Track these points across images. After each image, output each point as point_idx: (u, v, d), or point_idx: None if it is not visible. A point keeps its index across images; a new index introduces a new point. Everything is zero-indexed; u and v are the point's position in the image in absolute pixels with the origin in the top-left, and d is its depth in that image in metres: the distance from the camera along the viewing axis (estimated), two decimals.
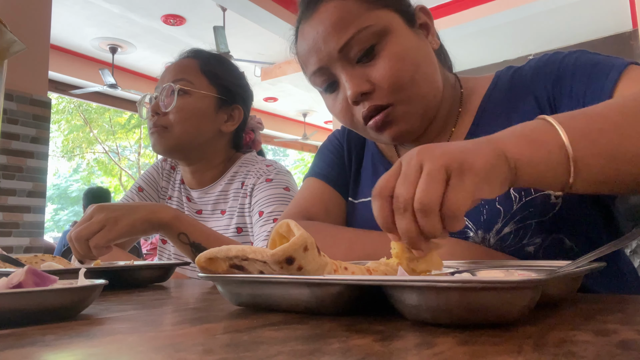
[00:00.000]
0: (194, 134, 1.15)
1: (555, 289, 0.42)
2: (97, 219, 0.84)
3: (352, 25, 0.68)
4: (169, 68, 1.19)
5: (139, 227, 0.88)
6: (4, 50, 0.49)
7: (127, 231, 0.86)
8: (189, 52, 1.22)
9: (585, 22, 4.75)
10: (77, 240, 0.82)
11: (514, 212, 0.66)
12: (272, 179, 1.14)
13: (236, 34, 5.14)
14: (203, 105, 1.15)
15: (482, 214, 0.68)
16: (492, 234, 0.67)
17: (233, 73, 1.25)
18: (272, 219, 1.06)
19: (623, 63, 0.62)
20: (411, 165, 0.43)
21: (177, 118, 1.12)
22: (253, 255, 0.42)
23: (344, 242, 0.72)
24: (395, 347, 0.29)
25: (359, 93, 0.68)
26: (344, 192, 0.88)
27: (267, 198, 1.10)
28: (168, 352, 0.29)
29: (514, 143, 0.46)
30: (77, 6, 4.67)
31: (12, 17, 2.98)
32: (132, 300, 0.58)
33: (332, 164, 0.90)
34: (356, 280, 0.38)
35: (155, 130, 1.13)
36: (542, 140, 0.47)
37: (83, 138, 11.59)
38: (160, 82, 1.17)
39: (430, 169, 0.42)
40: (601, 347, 0.27)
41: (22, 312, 0.40)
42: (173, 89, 1.12)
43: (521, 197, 0.66)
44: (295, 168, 13.14)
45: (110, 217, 0.85)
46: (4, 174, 3.03)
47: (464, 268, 0.50)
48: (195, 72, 1.17)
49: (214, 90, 1.17)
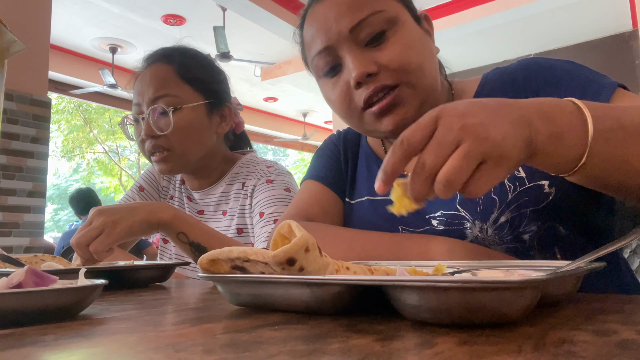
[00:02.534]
0: (199, 149, 1.13)
1: (555, 289, 0.42)
2: (95, 224, 0.85)
3: (367, 8, 0.70)
4: (143, 80, 1.11)
5: (137, 229, 0.88)
6: (4, 50, 0.49)
7: (126, 234, 0.86)
8: (159, 57, 1.14)
9: (585, 22, 4.75)
10: (78, 247, 0.83)
11: (509, 201, 0.68)
12: (273, 180, 1.13)
13: (236, 34, 5.14)
14: (197, 116, 1.11)
15: (479, 205, 0.70)
16: (489, 223, 0.69)
17: (212, 71, 1.19)
18: (273, 220, 1.05)
19: (612, 84, 0.65)
20: (449, 137, 0.42)
21: (177, 138, 1.08)
22: (254, 256, 0.42)
23: (344, 242, 0.72)
24: (395, 347, 0.29)
25: (365, 73, 0.68)
26: (341, 193, 0.89)
27: (268, 199, 1.10)
28: (168, 352, 0.29)
29: (545, 133, 0.46)
30: (77, 6, 4.67)
31: (12, 17, 2.98)
32: (132, 300, 0.58)
33: (329, 166, 0.92)
34: (356, 280, 0.38)
35: (160, 158, 1.09)
36: (570, 133, 0.47)
37: (83, 138, 11.60)
38: (138, 97, 1.10)
39: (469, 152, 0.41)
40: (601, 347, 0.27)
41: (22, 312, 0.40)
42: (164, 109, 1.06)
43: (515, 187, 0.68)
44: (295, 168, 13.14)
45: (108, 221, 0.85)
46: (4, 174, 3.02)
47: (464, 268, 0.50)
48: (176, 82, 1.10)
49: (201, 97, 1.12)
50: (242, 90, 6.92)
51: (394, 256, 0.66)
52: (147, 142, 1.09)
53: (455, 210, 0.71)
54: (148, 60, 1.15)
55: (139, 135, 1.10)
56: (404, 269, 0.44)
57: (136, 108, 1.11)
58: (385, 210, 0.78)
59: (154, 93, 1.08)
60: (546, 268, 0.49)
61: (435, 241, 0.65)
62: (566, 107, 0.48)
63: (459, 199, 0.71)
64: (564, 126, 0.47)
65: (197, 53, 1.20)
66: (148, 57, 1.16)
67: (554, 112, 0.47)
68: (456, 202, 0.71)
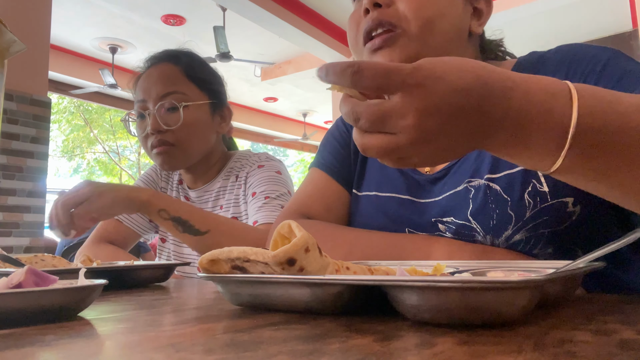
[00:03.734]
0: (201, 145, 1.17)
1: (555, 289, 0.42)
2: (83, 192, 0.91)
3: None
4: (150, 78, 1.15)
5: (120, 204, 0.94)
6: (4, 50, 0.49)
7: (108, 205, 0.92)
8: (165, 57, 1.18)
9: (585, 22, 4.75)
10: (62, 207, 0.88)
11: (526, 219, 0.62)
12: (264, 164, 1.19)
13: (236, 34, 5.14)
14: (202, 114, 1.16)
15: (492, 219, 0.64)
16: (502, 240, 0.64)
17: (214, 73, 1.25)
18: (264, 197, 1.10)
19: None
20: (392, 121, 0.39)
21: (183, 134, 1.12)
22: (255, 256, 0.42)
23: (345, 245, 0.71)
24: (395, 347, 0.29)
25: (374, 1, 0.67)
26: (348, 184, 0.85)
27: (259, 180, 1.15)
28: (168, 352, 0.29)
29: (503, 142, 0.41)
30: (77, 6, 4.67)
31: (12, 17, 2.98)
32: (132, 300, 0.58)
33: (337, 154, 0.88)
34: (356, 280, 0.38)
35: (163, 150, 1.11)
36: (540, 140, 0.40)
37: (83, 138, 11.59)
38: (144, 94, 1.13)
39: (398, 150, 0.39)
40: (601, 347, 0.27)
41: (22, 312, 0.40)
42: (174, 105, 1.10)
43: (535, 204, 0.62)
44: (295, 168, 13.14)
45: (95, 191, 0.92)
46: (4, 174, 3.02)
47: (464, 268, 0.50)
48: (184, 81, 1.15)
49: (206, 97, 1.17)
50: (242, 90, 6.92)
51: (396, 260, 0.65)
52: (151, 137, 1.12)
53: (467, 221, 0.66)
54: (152, 61, 1.19)
55: (143, 131, 1.14)
56: (404, 268, 0.44)
57: (141, 104, 1.14)
58: (392, 210, 0.76)
59: (163, 89, 1.12)
60: (546, 268, 0.48)
61: (437, 244, 0.65)
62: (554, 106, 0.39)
63: (471, 209, 0.66)
64: (532, 135, 0.39)
65: (199, 56, 1.25)
66: (152, 58, 1.20)
67: (532, 115, 0.39)
68: (468, 212, 0.66)
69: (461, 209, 0.67)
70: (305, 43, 4.87)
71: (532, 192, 0.62)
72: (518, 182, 0.63)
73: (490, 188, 0.65)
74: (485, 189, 0.65)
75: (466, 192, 0.67)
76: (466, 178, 0.68)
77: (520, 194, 0.63)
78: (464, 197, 0.67)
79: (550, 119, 0.39)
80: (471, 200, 0.67)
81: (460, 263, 0.55)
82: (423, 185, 0.75)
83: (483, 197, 0.65)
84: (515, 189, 0.63)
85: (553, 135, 0.39)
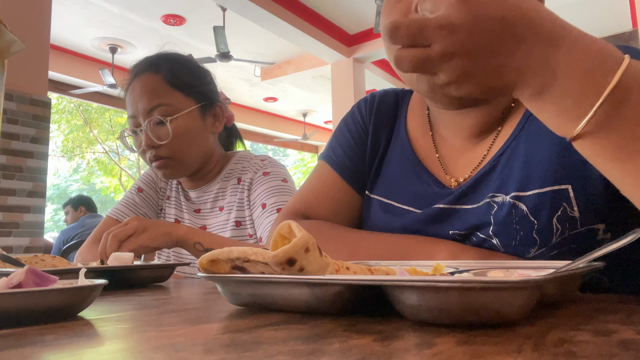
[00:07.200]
0: (198, 152, 1.18)
1: (555, 288, 0.42)
2: (131, 226, 0.99)
3: None
4: (134, 92, 1.14)
5: (160, 237, 1.01)
6: (4, 50, 0.49)
7: (151, 239, 1.00)
8: (145, 66, 1.16)
9: (585, 22, 4.75)
10: (113, 239, 0.96)
11: (552, 245, 0.59)
12: (269, 172, 1.19)
13: (236, 34, 5.14)
14: (192, 121, 1.15)
15: (515, 239, 0.60)
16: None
17: (198, 74, 1.21)
18: (276, 209, 1.11)
19: None
20: (437, 62, 0.42)
21: (176, 145, 1.12)
22: (254, 256, 0.42)
23: (347, 246, 0.70)
24: (395, 347, 0.29)
25: None
26: (359, 185, 0.79)
27: (268, 191, 1.15)
28: (168, 352, 0.29)
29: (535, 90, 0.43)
30: (77, 6, 4.67)
31: (12, 17, 2.98)
32: (132, 300, 0.58)
33: (350, 149, 0.81)
34: (356, 280, 0.38)
35: (161, 164, 1.14)
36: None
37: (83, 138, 11.59)
38: (132, 109, 1.14)
39: (445, 84, 0.43)
40: (601, 347, 0.27)
41: (22, 312, 0.40)
42: (160, 120, 1.10)
43: (564, 230, 0.58)
44: (295, 168, 13.14)
45: (140, 226, 1.00)
46: (4, 174, 3.02)
47: (464, 268, 0.50)
48: (166, 90, 1.13)
49: (193, 101, 1.16)
50: (242, 90, 6.92)
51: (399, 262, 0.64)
52: (148, 151, 1.14)
53: (488, 237, 0.63)
54: (135, 71, 1.18)
55: (139, 146, 1.15)
56: (404, 268, 0.44)
57: (132, 120, 1.15)
58: (409, 222, 0.70)
59: (148, 104, 1.11)
60: (546, 268, 0.48)
61: (441, 246, 0.63)
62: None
63: (492, 228, 0.62)
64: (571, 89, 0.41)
65: (181, 57, 1.22)
66: (134, 68, 1.19)
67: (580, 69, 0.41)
68: (490, 230, 0.62)
69: (482, 224, 0.63)
70: (305, 43, 4.87)
71: (561, 216, 0.58)
72: (547, 204, 0.59)
73: (517, 207, 0.61)
74: (511, 208, 0.61)
75: (488, 208, 0.63)
76: (490, 192, 0.64)
77: (549, 217, 0.58)
78: (486, 212, 0.63)
79: (597, 68, 0.41)
80: (492, 216, 0.62)
81: (460, 263, 0.55)
82: (445, 197, 0.69)
83: (507, 216, 0.61)
84: (544, 211, 0.59)
85: (592, 81, 0.40)
